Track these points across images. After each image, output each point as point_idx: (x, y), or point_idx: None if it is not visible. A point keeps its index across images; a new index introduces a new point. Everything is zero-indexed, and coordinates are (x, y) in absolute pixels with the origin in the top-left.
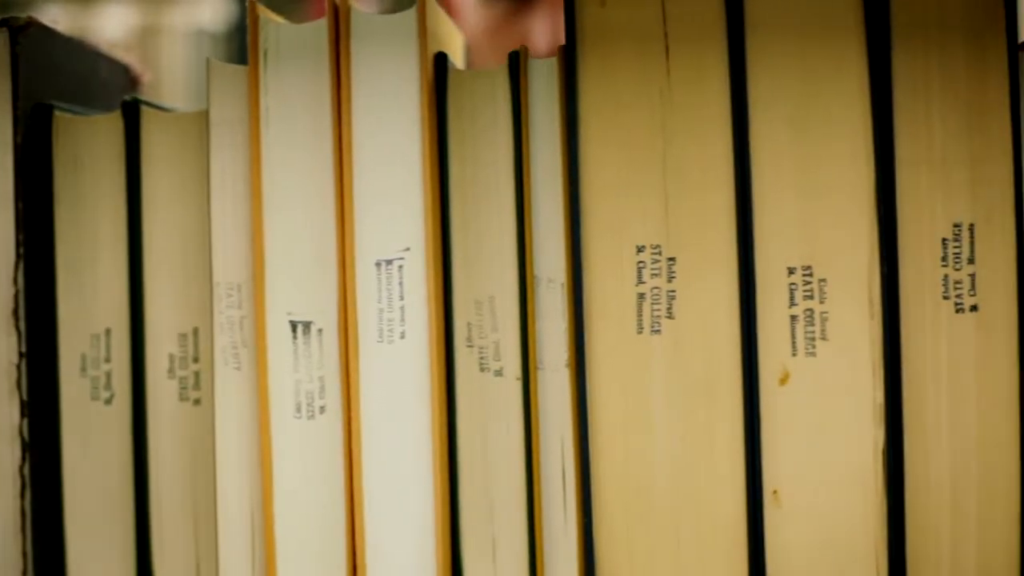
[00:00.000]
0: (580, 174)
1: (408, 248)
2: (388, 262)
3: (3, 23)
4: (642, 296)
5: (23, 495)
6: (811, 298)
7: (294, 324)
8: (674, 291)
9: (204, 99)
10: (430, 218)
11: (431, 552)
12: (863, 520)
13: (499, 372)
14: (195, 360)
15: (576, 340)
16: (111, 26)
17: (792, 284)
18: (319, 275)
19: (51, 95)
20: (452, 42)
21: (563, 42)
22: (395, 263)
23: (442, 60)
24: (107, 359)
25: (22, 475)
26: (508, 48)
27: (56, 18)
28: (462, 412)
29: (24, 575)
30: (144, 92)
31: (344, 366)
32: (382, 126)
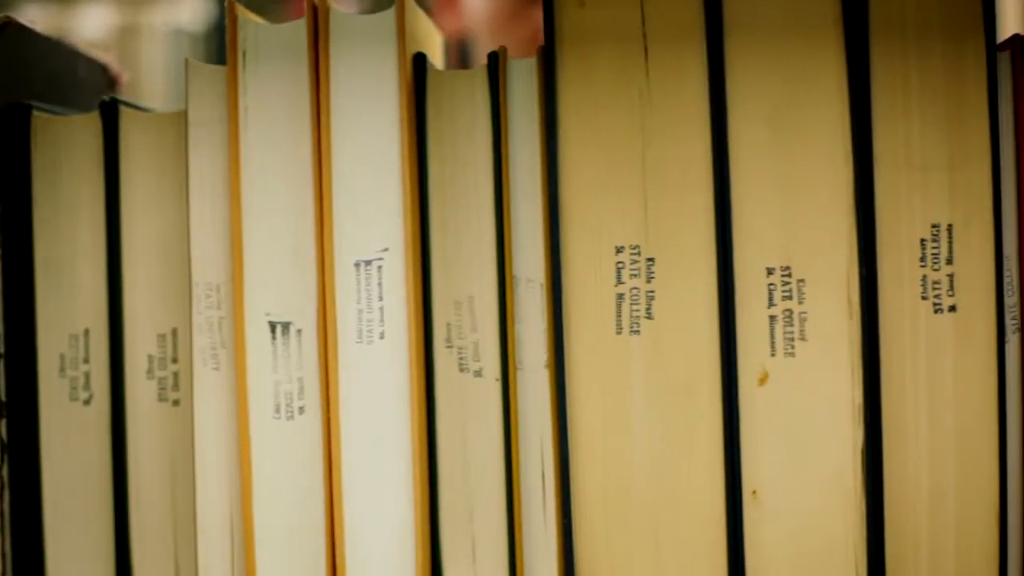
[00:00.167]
0: (559, 174)
1: (387, 248)
2: (367, 262)
3: None
4: (621, 297)
5: (1, 496)
6: (790, 298)
7: (273, 325)
8: (653, 292)
9: (183, 99)
10: (409, 218)
11: (411, 553)
12: (842, 520)
13: (478, 372)
14: (174, 361)
15: (555, 340)
16: (89, 26)
17: (771, 284)
18: (298, 275)
19: (29, 95)
20: (431, 42)
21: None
22: (374, 263)
23: (421, 60)
24: (86, 360)
25: (0, 476)
26: (518, 39)
27: (34, 18)
28: (441, 413)
29: (3, 575)
30: (122, 92)
31: (323, 367)
32: (361, 126)
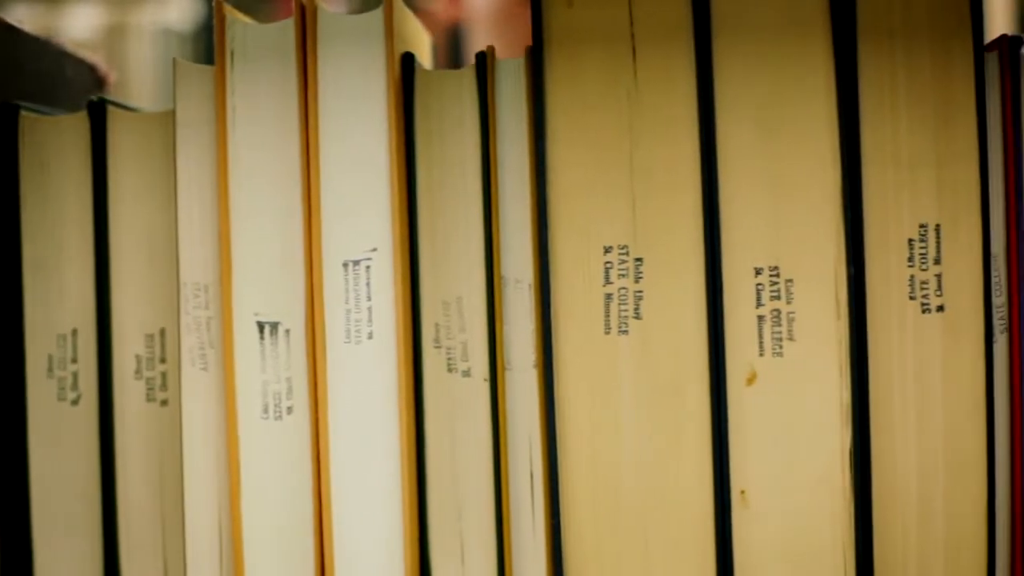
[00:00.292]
0: (547, 175)
1: (375, 248)
2: (355, 263)
3: None
4: (609, 297)
5: None
6: (778, 298)
7: (261, 325)
8: (641, 292)
9: (171, 99)
10: (397, 219)
11: (399, 553)
12: (830, 520)
13: (467, 373)
14: (162, 361)
15: (544, 341)
16: (77, 25)
17: (759, 284)
18: (286, 275)
19: (17, 95)
20: (419, 42)
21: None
22: (362, 263)
23: (409, 60)
24: (74, 360)
25: None
26: (518, 36)
27: (22, 17)
28: (430, 413)
29: None
30: (110, 92)
31: (311, 367)
32: (349, 126)
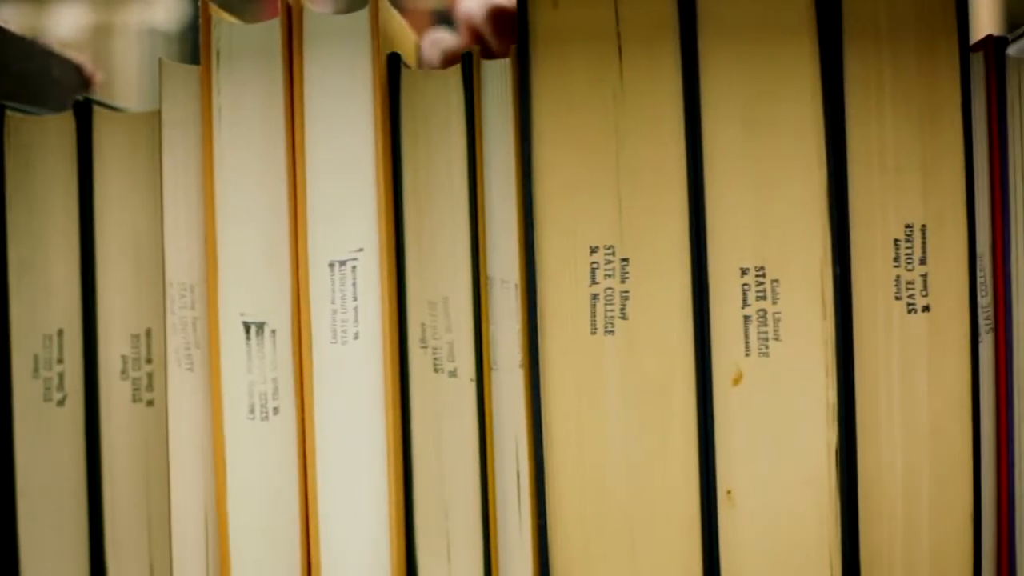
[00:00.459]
0: (533, 175)
1: (361, 249)
2: (341, 263)
3: None
4: (595, 297)
5: None
6: (764, 298)
7: (247, 325)
8: (627, 291)
9: (156, 99)
10: (383, 219)
11: (386, 553)
12: (817, 519)
13: (453, 373)
14: (148, 361)
15: (530, 341)
16: (63, 25)
17: (745, 285)
18: (272, 276)
19: (2, 95)
20: (405, 42)
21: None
22: (348, 264)
23: (395, 60)
24: (59, 360)
25: None
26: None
27: (7, 17)
28: (416, 413)
29: None
30: (96, 92)
31: (298, 367)
32: (335, 126)
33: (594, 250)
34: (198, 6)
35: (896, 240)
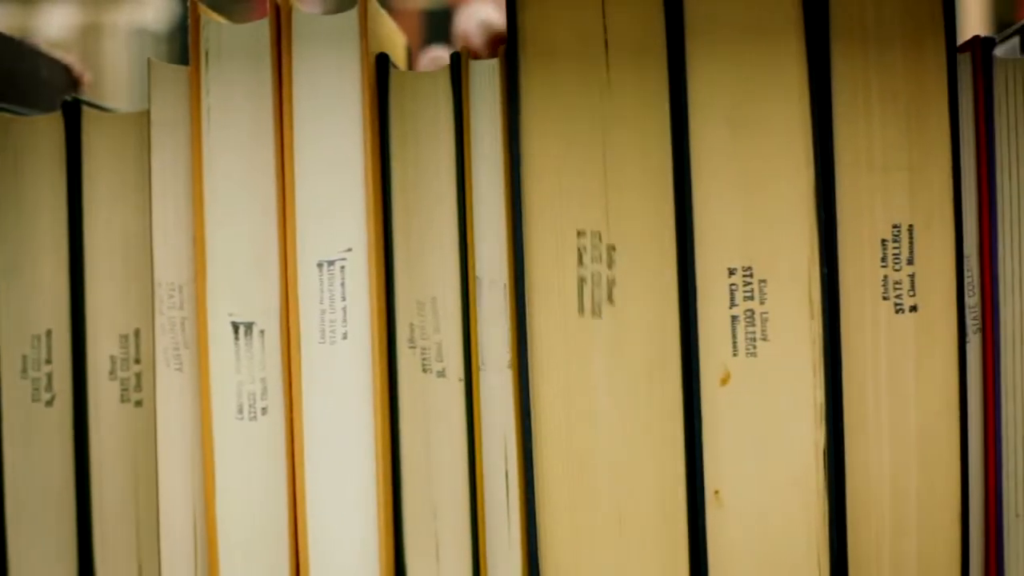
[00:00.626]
0: (522, 175)
1: (350, 249)
2: (330, 263)
3: None
4: (582, 305)
5: None
6: (752, 299)
7: (236, 325)
8: (615, 290)
9: (145, 99)
10: (372, 219)
11: (374, 552)
12: (804, 519)
13: (442, 373)
14: (137, 361)
15: (518, 340)
16: (52, 25)
17: (732, 285)
18: (261, 276)
19: None
20: (394, 43)
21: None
22: (337, 264)
23: (384, 61)
24: (48, 360)
25: None
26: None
27: None
28: (405, 413)
29: None
30: (85, 92)
31: (286, 367)
32: (324, 126)
33: (583, 252)
34: (187, 6)
35: (883, 240)
